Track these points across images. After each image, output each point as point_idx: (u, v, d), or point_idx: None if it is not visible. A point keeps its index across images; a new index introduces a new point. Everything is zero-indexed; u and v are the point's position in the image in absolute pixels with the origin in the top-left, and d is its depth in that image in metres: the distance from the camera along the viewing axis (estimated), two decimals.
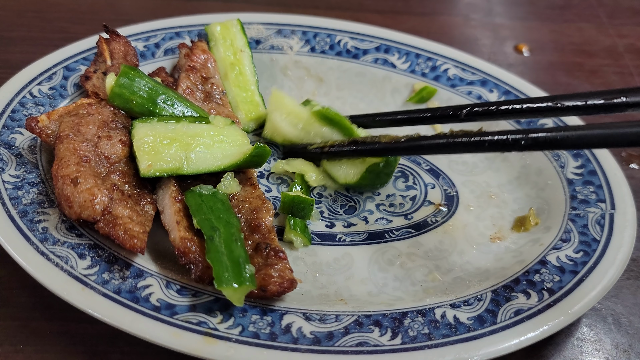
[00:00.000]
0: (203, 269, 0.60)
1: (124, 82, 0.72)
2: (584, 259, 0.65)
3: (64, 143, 0.66)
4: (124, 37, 0.84)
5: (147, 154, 0.67)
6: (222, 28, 0.90)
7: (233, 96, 0.86)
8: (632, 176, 0.86)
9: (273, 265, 0.61)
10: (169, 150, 0.67)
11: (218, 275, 0.56)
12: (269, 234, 0.65)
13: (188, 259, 0.60)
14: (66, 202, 0.61)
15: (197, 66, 0.83)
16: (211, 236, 0.59)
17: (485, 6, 1.30)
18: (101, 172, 0.65)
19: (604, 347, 0.65)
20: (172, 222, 0.63)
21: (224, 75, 0.87)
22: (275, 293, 0.59)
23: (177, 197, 0.66)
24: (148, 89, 0.73)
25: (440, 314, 0.60)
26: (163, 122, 0.70)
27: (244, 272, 0.57)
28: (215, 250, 0.58)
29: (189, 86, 0.80)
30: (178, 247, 0.61)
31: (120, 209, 0.62)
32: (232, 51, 0.89)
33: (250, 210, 0.67)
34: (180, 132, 0.69)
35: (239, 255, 0.58)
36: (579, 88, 1.06)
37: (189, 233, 0.62)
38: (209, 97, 0.82)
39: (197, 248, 0.61)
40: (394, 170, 0.79)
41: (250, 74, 0.88)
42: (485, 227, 0.75)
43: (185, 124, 0.70)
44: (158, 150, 0.67)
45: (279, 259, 0.61)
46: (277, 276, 0.60)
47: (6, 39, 1.05)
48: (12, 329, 0.61)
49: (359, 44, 0.96)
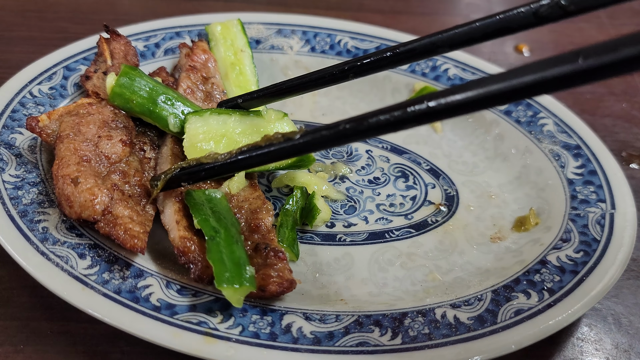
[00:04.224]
0: (202, 268, 0.60)
1: (124, 82, 0.72)
2: (584, 259, 0.65)
3: (65, 143, 0.66)
4: (124, 37, 0.84)
5: (196, 152, 0.69)
6: (223, 28, 0.90)
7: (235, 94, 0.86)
8: (632, 176, 0.86)
9: (272, 265, 0.61)
10: (216, 147, 0.68)
11: (219, 275, 0.56)
12: (269, 235, 0.65)
13: (187, 258, 0.60)
14: (66, 201, 0.61)
15: (197, 66, 0.83)
16: (212, 236, 0.59)
17: (485, 6, 1.30)
18: (101, 171, 0.65)
19: (604, 347, 0.65)
20: (172, 221, 0.63)
21: (224, 75, 0.87)
22: (274, 293, 0.59)
23: (178, 196, 0.65)
24: (148, 88, 0.73)
25: (441, 314, 0.60)
26: (215, 114, 0.71)
27: (244, 273, 0.57)
28: (216, 250, 0.58)
29: (189, 86, 0.80)
30: (177, 247, 0.61)
31: (121, 208, 0.62)
32: (233, 51, 0.89)
33: (250, 210, 0.68)
34: (230, 127, 0.70)
35: (239, 256, 0.58)
36: (579, 88, 1.06)
37: (188, 232, 0.62)
38: (209, 96, 0.82)
39: (197, 247, 0.61)
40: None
41: (250, 73, 0.88)
42: (486, 227, 0.75)
43: (237, 118, 0.71)
44: (206, 149, 0.69)
45: (278, 260, 0.61)
46: (277, 276, 0.60)
47: (6, 39, 1.05)
48: (12, 329, 0.61)
49: (359, 44, 0.96)
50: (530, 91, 0.44)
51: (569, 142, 0.81)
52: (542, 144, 0.81)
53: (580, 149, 0.80)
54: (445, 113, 0.47)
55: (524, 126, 0.84)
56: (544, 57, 0.43)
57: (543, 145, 0.81)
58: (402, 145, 0.86)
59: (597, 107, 1.02)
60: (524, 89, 0.44)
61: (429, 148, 0.86)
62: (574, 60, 0.41)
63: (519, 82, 0.44)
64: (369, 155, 0.85)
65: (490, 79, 0.45)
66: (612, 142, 0.92)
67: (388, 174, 0.82)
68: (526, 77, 0.43)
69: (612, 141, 0.93)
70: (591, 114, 1.00)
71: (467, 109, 0.47)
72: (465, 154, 0.86)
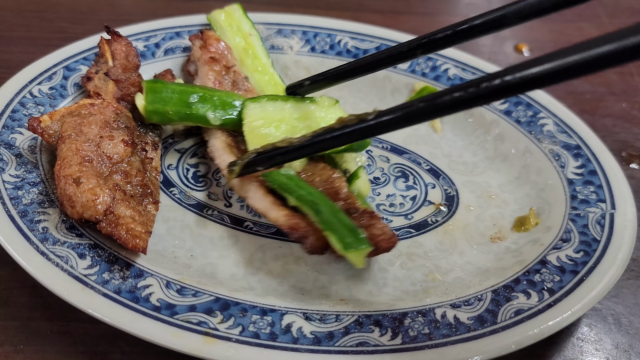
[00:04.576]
0: (315, 240, 0.61)
1: (153, 98, 0.73)
2: (584, 259, 0.65)
3: (66, 143, 0.66)
4: (125, 38, 0.84)
5: (256, 137, 0.70)
6: (226, 15, 0.90)
7: (255, 81, 0.85)
8: (632, 176, 0.86)
9: (373, 225, 0.62)
10: (276, 132, 0.70)
11: (341, 242, 0.58)
12: (350, 199, 0.66)
13: (299, 233, 0.61)
14: (68, 202, 0.61)
15: (216, 56, 0.82)
16: (316, 210, 0.61)
17: (486, 6, 1.30)
18: (103, 172, 0.65)
19: (604, 347, 0.65)
20: (267, 203, 0.65)
21: (240, 61, 0.86)
22: (385, 249, 0.61)
23: (258, 181, 0.67)
24: (177, 94, 0.74)
25: (441, 314, 0.60)
26: (272, 101, 0.73)
27: (361, 236, 0.59)
28: (328, 221, 0.60)
29: (216, 78, 0.80)
30: (286, 225, 0.62)
31: (123, 209, 0.62)
32: (241, 36, 0.88)
33: (323, 181, 0.69)
34: (287, 113, 0.72)
35: (348, 222, 0.60)
36: (579, 88, 1.06)
37: (287, 210, 0.63)
38: (236, 85, 0.81)
39: (303, 222, 0.62)
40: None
41: (264, 55, 0.88)
42: (486, 227, 0.75)
43: (293, 104, 0.73)
44: (267, 134, 0.71)
45: (374, 219, 0.63)
46: (382, 233, 0.61)
47: (6, 39, 1.05)
48: (12, 329, 0.61)
49: (359, 44, 0.96)
50: (609, 62, 0.42)
51: (569, 142, 0.81)
52: (542, 144, 0.81)
53: (580, 149, 0.80)
54: (521, 87, 0.47)
55: (524, 126, 0.84)
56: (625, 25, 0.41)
57: (543, 145, 0.81)
58: (402, 145, 0.86)
59: (597, 107, 1.02)
60: (603, 59, 0.42)
61: (429, 148, 0.86)
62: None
63: (598, 52, 0.42)
64: (369, 155, 0.85)
65: (567, 50, 0.44)
66: (612, 142, 0.92)
67: (388, 174, 0.82)
68: (605, 47, 0.42)
69: (612, 141, 0.93)
70: (591, 114, 1.00)
71: (544, 83, 0.46)
72: (465, 154, 0.86)
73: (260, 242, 0.70)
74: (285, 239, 0.71)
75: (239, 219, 0.73)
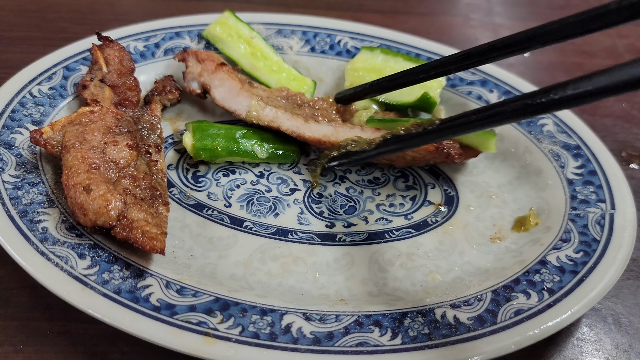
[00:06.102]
0: (460, 151, 0.76)
1: (201, 136, 0.76)
2: (584, 259, 0.65)
3: (71, 152, 0.66)
4: (117, 43, 0.83)
5: (352, 77, 0.86)
6: (221, 26, 0.90)
7: (275, 82, 0.86)
8: (632, 176, 0.86)
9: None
10: (368, 77, 0.84)
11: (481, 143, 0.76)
12: None
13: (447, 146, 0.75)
14: (80, 210, 0.61)
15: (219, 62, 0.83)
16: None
17: (485, 6, 1.30)
18: (111, 177, 0.65)
19: (604, 347, 0.65)
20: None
21: (253, 67, 0.87)
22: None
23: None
24: (223, 131, 0.79)
25: (441, 314, 0.60)
26: (384, 54, 0.89)
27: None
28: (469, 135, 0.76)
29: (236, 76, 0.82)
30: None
31: (135, 212, 0.62)
32: (244, 41, 0.88)
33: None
34: (389, 66, 0.87)
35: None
36: None
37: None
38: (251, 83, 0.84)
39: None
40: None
41: (273, 53, 0.89)
42: (485, 227, 0.75)
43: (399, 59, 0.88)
44: (362, 76, 0.85)
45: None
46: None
47: (6, 39, 1.05)
48: (12, 329, 0.61)
49: (359, 44, 0.96)
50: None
51: (568, 142, 0.81)
52: (541, 144, 0.81)
53: (580, 149, 0.80)
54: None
55: (524, 126, 0.84)
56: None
57: (543, 146, 0.81)
58: None
59: (597, 107, 1.02)
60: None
61: None
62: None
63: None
64: None
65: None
66: (612, 142, 0.92)
67: (388, 174, 0.82)
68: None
69: (612, 141, 0.93)
70: (591, 114, 1.00)
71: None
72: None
73: (260, 242, 0.70)
74: (285, 239, 0.71)
75: (238, 219, 0.73)
